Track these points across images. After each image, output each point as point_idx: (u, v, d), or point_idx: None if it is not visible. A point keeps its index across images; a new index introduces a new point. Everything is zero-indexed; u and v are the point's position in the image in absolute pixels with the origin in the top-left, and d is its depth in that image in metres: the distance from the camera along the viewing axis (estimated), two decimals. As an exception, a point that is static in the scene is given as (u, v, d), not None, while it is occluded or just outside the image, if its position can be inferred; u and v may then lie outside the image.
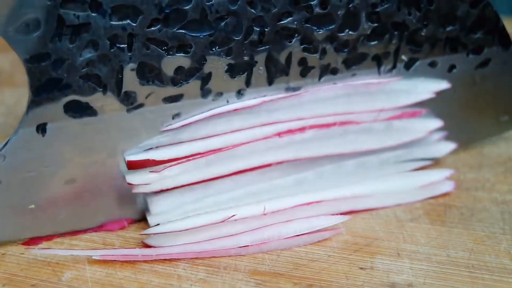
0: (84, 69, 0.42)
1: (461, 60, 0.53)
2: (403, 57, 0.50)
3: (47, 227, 0.46)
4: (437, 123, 0.53)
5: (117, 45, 0.42)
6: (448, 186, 0.52)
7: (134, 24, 0.42)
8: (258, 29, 0.45)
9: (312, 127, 0.49)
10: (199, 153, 0.46)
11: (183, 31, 0.43)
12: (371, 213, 0.49)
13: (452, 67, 0.53)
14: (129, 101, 0.44)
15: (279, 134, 0.48)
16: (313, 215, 0.47)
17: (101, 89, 0.43)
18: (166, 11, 0.42)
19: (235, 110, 0.46)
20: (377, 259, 0.45)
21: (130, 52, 0.43)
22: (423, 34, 0.50)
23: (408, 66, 0.51)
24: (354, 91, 0.49)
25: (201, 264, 0.44)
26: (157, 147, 0.46)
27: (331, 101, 0.49)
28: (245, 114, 0.47)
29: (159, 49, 0.43)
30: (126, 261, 0.44)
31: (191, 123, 0.46)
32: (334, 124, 0.49)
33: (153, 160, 0.45)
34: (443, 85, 0.52)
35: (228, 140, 0.47)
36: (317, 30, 0.47)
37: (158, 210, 0.47)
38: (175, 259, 0.44)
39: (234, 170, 0.48)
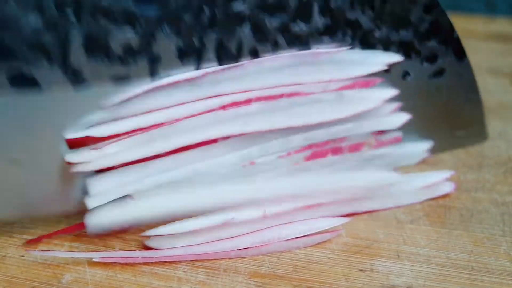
0: (29, 37, 0.41)
1: (415, 67, 0.52)
2: None
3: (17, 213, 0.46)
4: (392, 91, 0.51)
5: (64, 12, 0.41)
6: (448, 187, 0.52)
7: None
8: (208, 10, 0.44)
9: (258, 99, 0.47)
10: (141, 129, 0.45)
11: (132, 4, 0.42)
12: (371, 215, 0.49)
13: (406, 73, 0.52)
14: (75, 76, 0.43)
15: (223, 107, 0.46)
16: (313, 217, 0.47)
17: (47, 60, 0.42)
18: None
19: (177, 82, 0.45)
20: (377, 261, 0.45)
21: (78, 22, 0.41)
22: (376, 35, 0.49)
23: None
24: (301, 61, 0.47)
25: (201, 266, 0.44)
26: (98, 123, 0.44)
27: (277, 71, 0.47)
28: (188, 86, 0.45)
29: (107, 22, 0.42)
30: (126, 263, 0.44)
31: (132, 97, 0.44)
32: (281, 95, 0.47)
33: (93, 137, 0.44)
34: (396, 57, 0.50)
35: (170, 114, 0.45)
36: (269, 18, 0.46)
37: (97, 191, 0.45)
38: (175, 261, 0.44)
39: (177, 145, 0.46)
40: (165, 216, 0.45)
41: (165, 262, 0.44)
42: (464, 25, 0.86)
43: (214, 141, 0.47)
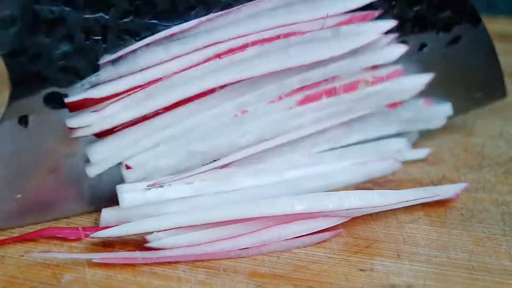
0: (61, 62, 0.43)
1: (431, 38, 0.53)
2: None
3: (33, 216, 0.47)
4: (390, 23, 0.51)
5: (92, 37, 0.43)
6: (453, 193, 0.52)
7: (107, 17, 0.43)
8: None
9: (253, 43, 0.46)
10: (139, 86, 0.45)
11: (155, 21, 0.44)
12: (371, 214, 0.49)
13: (422, 45, 0.53)
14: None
15: (219, 55, 0.46)
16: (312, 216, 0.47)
17: (79, 81, 0.44)
18: (137, 2, 0.43)
19: (173, 35, 0.45)
20: (377, 260, 0.45)
21: (104, 44, 0.44)
22: (391, 13, 0.50)
23: None
24: None
25: (201, 266, 0.44)
26: (96, 84, 0.45)
27: (271, 13, 0.47)
28: (183, 38, 0.45)
29: (132, 39, 0.44)
30: (126, 264, 0.44)
31: (128, 53, 0.45)
32: (277, 37, 0.47)
33: (93, 99, 0.44)
34: None
35: (167, 68, 0.45)
36: None
37: (98, 157, 0.46)
38: (174, 261, 0.44)
39: (175, 99, 0.46)
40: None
41: (165, 262, 0.44)
42: (465, 25, 0.86)
43: (212, 91, 0.47)
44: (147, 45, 0.45)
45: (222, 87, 0.47)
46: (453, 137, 0.61)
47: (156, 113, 0.46)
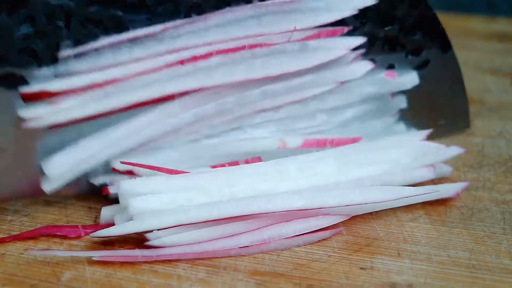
0: (20, 43, 0.43)
1: (399, 60, 0.53)
2: None
3: None
4: (359, 39, 0.50)
5: (55, 22, 0.43)
6: (453, 192, 0.52)
7: (72, 3, 0.43)
8: None
9: (218, 52, 0.46)
10: (98, 84, 0.45)
11: (121, 13, 0.45)
12: (371, 213, 0.49)
13: (390, 66, 0.53)
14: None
15: (182, 62, 0.46)
16: (313, 214, 0.47)
17: (37, 65, 0.44)
18: None
19: (137, 38, 0.45)
20: (377, 259, 0.45)
21: (67, 30, 0.44)
22: (362, 31, 0.50)
23: None
24: (264, 11, 0.47)
25: (201, 264, 0.44)
26: (53, 78, 0.45)
27: (239, 23, 0.47)
28: (148, 42, 0.46)
29: (96, 30, 0.44)
30: (125, 262, 0.44)
31: (91, 50, 0.45)
32: (242, 48, 0.47)
33: (49, 92, 0.44)
34: (369, 1, 0.50)
35: (128, 70, 0.45)
36: None
37: (55, 172, 0.46)
38: (175, 259, 0.44)
39: (133, 101, 0.46)
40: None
41: (165, 260, 0.44)
42: (465, 25, 0.86)
43: (171, 97, 0.47)
44: (111, 45, 0.45)
45: (182, 94, 0.47)
46: (453, 137, 0.61)
47: (112, 112, 0.46)
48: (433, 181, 0.52)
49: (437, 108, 0.57)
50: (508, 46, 0.82)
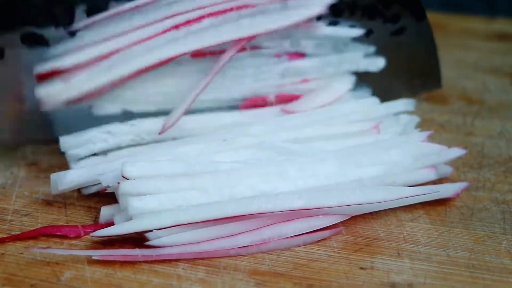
0: (40, 5, 0.50)
1: (378, 26, 0.59)
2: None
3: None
4: None
5: None
6: (452, 192, 0.52)
7: None
8: None
9: (209, 15, 0.51)
10: (104, 56, 0.49)
11: None
12: (371, 213, 0.49)
13: (369, 31, 0.59)
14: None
15: (176, 27, 0.50)
16: (313, 214, 0.47)
17: (55, 27, 0.51)
18: None
19: (137, 7, 0.50)
20: (377, 259, 0.45)
21: None
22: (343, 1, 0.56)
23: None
24: None
25: (201, 264, 0.44)
26: (63, 55, 0.49)
27: None
28: (146, 10, 0.50)
29: None
30: (125, 261, 0.44)
31: (95, 23, 0.50)
32: (230, 9, 0.52)
33: (60, 70, 0.48)
34: None
35: (130, 39, 0.50)
36: None
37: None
38: (174, 259, 0.44)
39: (136, 69, 0.50)
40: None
41: (165, 260, 0.44)
42: (465, 25, 0.86)
43: (169, 60, 0.51)
44: (115, 14, 0.49)
45: (178, 55, 0.51)
46: (453, 136, 0.61)
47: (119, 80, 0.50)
48: (433, 181, 0.52)
49: (412, 69, 0.63)
50: (508, 46, 0.82)
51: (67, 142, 0.51)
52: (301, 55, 0.58)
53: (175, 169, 0.47)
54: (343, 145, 0.52)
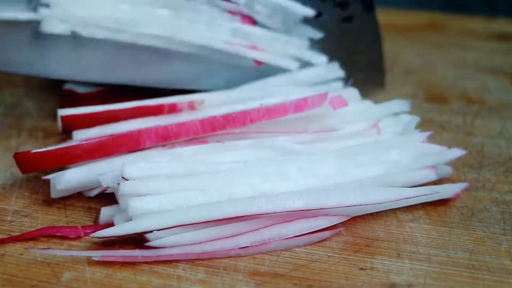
0: None
1: (327, 10, 0.61)
2: None
3: None
4: None
5: None
6: (452, 193, 0.52)
7: None
8: None
9: None
10: None
11: None
12: (371, 214, 0.49)
13: (319, 13, 0.61)
14: None
15: None
16: (313, 215, 0.47)
17: None
18: None
19: None
20: (377, 259, 0.45)
21: None
22: None
23: None
24: None
25: (201, 265, 0.44)
26: None
27: None
28: None
29: None
30: (125, 262, 0.44)
31: None
32: None
33: None
34: None
35: None
36: None
37: None
38: (174, 260, 0.44)
39: None
40: None
41: (165, 260, 0.44)
42: (465, 25, 0.86)
43: None
44: None
45: None
46: (453, 136, 0.61)
47: None
48: (433, 182, 0.52)
49: (357, 60, 0.64)
50: (508, 46, 0.82)
51: None
52: (253, 21, 0.60)
53: (175, 170, 0.47)
54: (343, 145, 0.52)
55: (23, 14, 0.54)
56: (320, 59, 0.62)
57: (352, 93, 0.58)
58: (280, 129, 0.52)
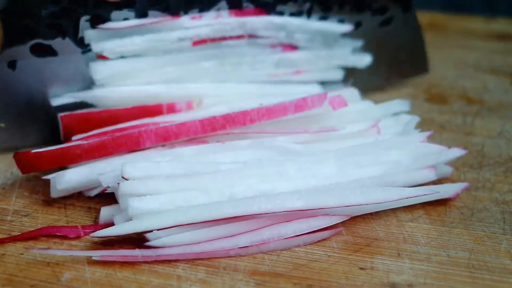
0: (47, 20, 0.53)
1: (367, 18, 0.63)
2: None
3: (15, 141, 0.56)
4: None
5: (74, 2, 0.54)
6: (452, 193, 0.52)
7: None
8: None
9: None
10: None
11: None
12: (371, 213, 0.49)
13: (358, 24, 0.63)
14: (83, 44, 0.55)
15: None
16: (313, 215, 0.47)
17: (61, 35, 0.54)
18: None
19: None
20: (377, 259, 0.45)
21: (85, 7, 0.54)
22: None
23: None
24: None
25: (201, 265, 0.44)
26: None
27: None
28: None
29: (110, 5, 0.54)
30: (125, 262, 0.44)
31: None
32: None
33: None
34: None
35: None
36: None
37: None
38: (174, 259, 0.44)
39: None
40: None
41: (165, 260, 0.44)
42: (465, 25, 0.86)
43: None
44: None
45: None
46: (453, 136, 0.61)
47: None
48: (433, 182, 0.52)
49: (400, 56, 0.67)
50: (508, 46, 0.82)
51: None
52: (294, 47, 0.61)
53: (174, 170, 0.47)
54: (343, 145, 0.52)
55: (80, 96, 0.56)
56: (365, 59, 0.63)
57: (352, 93, 0.58)
58: (280, 129, 0.52)
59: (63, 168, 0.50)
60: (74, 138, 0.53)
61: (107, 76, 0.55)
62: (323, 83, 0.62)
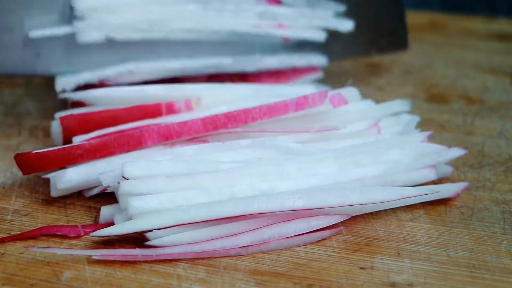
0: None
1: None
2: None
3: None
4: None
5: None
6: (452, 192, 0.52)
7: None
8: None
9: None
10: None
11: None
12: (372, 213, 0.49)
13: None
14: None
15: None
16: (313, 214, 0.47)
17: None
18: None
19: None
20: (377, 259, 0.45)
21: None
22: None
23: None
24: None
25: (201, 264, 0.44)
26: None
27: None
28: None
29: None
30: (125, 261, 0.44)
31: None
32: None
33: None
34: None
35: None
36: None
37: None
38: (174, 259, 0.44)
39: None
40: None
41: (165, 259, 0.44)
42: (465, 25, 0.86)
43: None
44: None
45: None
46: (453, 136, 0.61)
47: None
48: (433, 181, 0.52)
49: (381, 29, 0.68)
50: (508, 46, 0.82)
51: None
52: (278, 1, 0.62)
53: (175, 169, 0.47)
54: (343, 144, 0.52)
55: (60, 29, 0.56)
56: (346, 24, 0.64)
57: (353, 92, 0.58)
58: (281, 129, 0.52)
59: (63, 167, 0.50)
60: (74, 139, 0.53)
61: (89, 8, 0.55)
62: (305, 43, 0.64)
